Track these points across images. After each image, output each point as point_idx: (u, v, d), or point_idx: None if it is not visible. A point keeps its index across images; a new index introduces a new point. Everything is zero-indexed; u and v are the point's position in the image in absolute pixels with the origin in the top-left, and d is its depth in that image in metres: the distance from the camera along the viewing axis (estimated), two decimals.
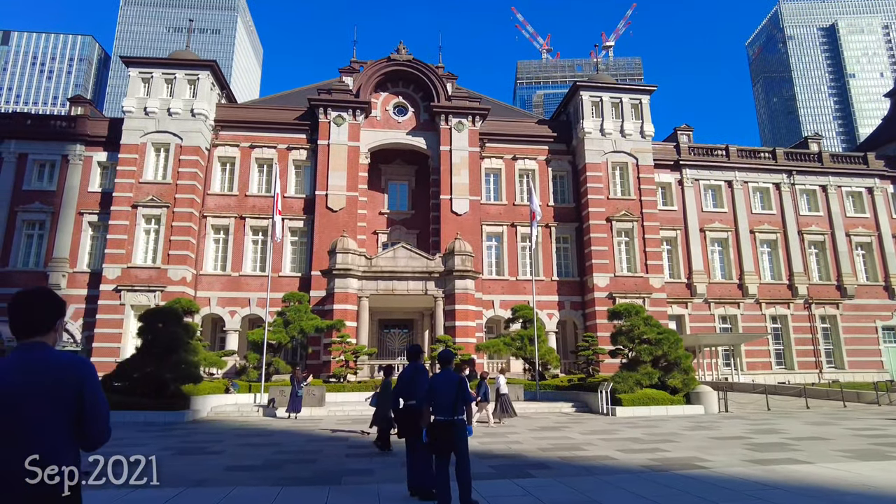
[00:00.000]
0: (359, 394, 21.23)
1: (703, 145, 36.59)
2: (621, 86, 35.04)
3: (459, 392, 5.68)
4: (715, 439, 11.36)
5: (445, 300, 26.03)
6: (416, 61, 32.69)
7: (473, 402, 14.97)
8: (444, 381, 5.82)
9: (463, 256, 25.93)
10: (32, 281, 28.50)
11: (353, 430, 13.63)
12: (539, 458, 9.26)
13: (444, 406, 5.68)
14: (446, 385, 5.75)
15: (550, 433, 12.79)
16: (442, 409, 5.69)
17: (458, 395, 5.66)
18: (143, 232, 28.48)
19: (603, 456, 9.36)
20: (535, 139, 33.98)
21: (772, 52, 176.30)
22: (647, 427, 13.73)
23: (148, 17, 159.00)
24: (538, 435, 12.37)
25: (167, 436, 12.37)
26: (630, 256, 31.97)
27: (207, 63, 31.15)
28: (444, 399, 5.69)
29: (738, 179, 35.83)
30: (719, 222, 35.05)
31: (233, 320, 28.99)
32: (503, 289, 31.49)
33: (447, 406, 5.65)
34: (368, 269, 25.79)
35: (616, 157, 32.95)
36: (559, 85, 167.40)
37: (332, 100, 31.37)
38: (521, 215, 32.50)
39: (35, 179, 30.04)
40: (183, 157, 29.29)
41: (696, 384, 18.63)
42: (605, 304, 30.37)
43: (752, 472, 7.72)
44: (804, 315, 34.37)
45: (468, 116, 32.17)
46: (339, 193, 30.30)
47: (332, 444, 11.27)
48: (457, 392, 5.67)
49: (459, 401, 5.67)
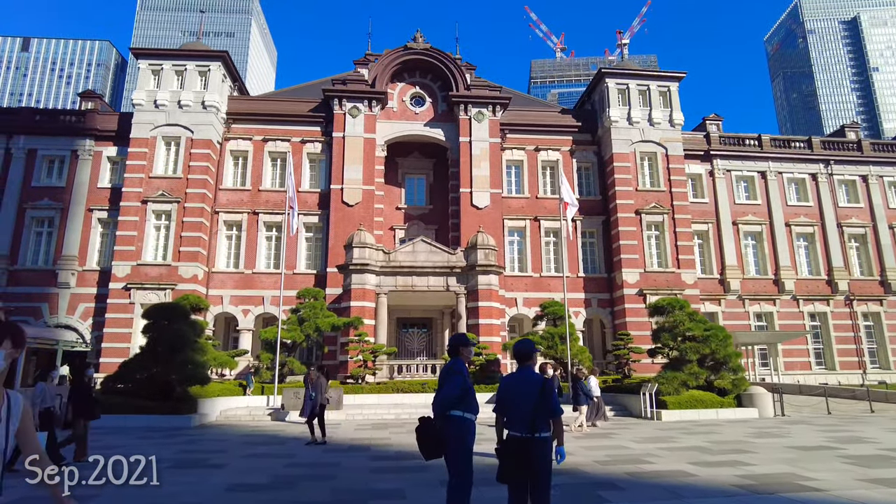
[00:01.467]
0: (378, 396, 19.94)
1: (735, 134, 34.80)
2: (649, 72, 33.40)
3: (542, 400, 4.22)
4: (797, 450, 9.83)
5: (468, 297, 24.63)
6: (434, 49, 31.39)
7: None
8: (520, 384, 4.39)
9: (486, 250, 24.52)
10: (42, 280, 27.72)
11: (376, 438, 12.31)
12: (602, 474, 7.83)
13: (519, 418, 4.24)
14: (523, 389, 4.33)
15: (600, 441, 11.37)
16: (517, 423, 4.26)
17: (539, 403, 4.22)
18: (154, 228, 27.47)
19: (677, 471, 7.90)
20: (559, 129, 32.47)
21: (791, 46, 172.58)
22: (705, 433, 12.23)
23: (164, 22, 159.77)
24: (587, 444, 10.94)
25: (168, 443, 11.11)
26: (661, 251, 30.33)
27: (218, 54, 30.12)
28: (519, 408, 4.26)
29: (772, 170, 33.99)
30: (753, 215, 33.24)
31: (246, 319, 27.87)
32: (526, 286, 30.02)
33: (524, 418, 4.21)
34: (387, 265, 24.49)
35: (644, 147, 31.33)
36: (574, 84, 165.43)
37: (348, 90, 30.18)
38: (544, 209, 31.02)
39: (44, 175, 29.21)
40: (194, 150, 28.26)
41: (747, 385, 17.03)
42: (634, 302, 28.85)
43: (887, 499, 6.20)
44: (845, 312, 32.44)
45: (488, 106, 30.77)
46: (355, 187, 29.07)
47: (353, 456, 9.90)
48: (538, 400, 4.22)
49: (542, 411, 4.23)
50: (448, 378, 4.85)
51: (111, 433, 12.82)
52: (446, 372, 4.97)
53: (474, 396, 4.89)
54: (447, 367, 5.05)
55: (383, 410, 17.66)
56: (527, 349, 4.65)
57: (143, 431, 13.15)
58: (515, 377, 4.54)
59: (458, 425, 4.70)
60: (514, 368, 4.76)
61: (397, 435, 12.65)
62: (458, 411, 4.74)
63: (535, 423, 4.17)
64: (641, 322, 28.22)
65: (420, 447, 4.75)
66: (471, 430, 4.78)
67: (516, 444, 4.20)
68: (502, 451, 4.27)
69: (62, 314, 27.29)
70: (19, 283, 27.65)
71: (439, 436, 4.64)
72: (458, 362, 5.01)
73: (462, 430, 4.70)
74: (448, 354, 5.31)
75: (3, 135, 29.29)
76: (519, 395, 4.31)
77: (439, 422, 4.73)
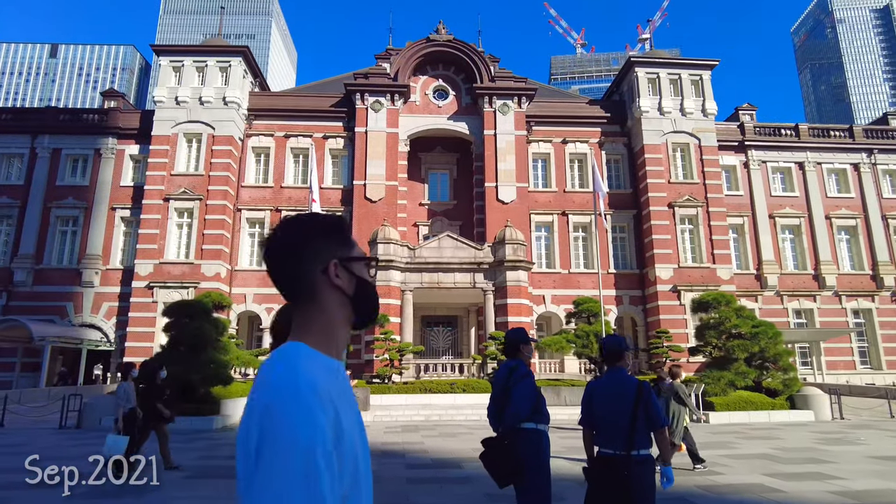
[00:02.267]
0: (405, 396, 19.23)
1: (770, 124, 33.34)
2: (680, 60, 32.11)
3: (639, 408, 3.43)
4: (882, 460, 8.80)
5: (496, 294, 23.80)
6: (457, 41, 30.60)
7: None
8: (611, 391, 3.61)
9: (514, 245, 23.66)
10: (67, 278, 27.65)
11: (408, 442, 11.58)
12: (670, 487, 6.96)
13: (612, 433, 3.46)
14: (615, 395, 3.56)
15: None
16: (609, 438, 3.48)
17: (637, 413, 3.42)
18: (176, 226, 27.18)
19: (755, 485, 7.00)
20: (587, 121, 31.43)
21: (819, 37, 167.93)
22: (764, 439, 11.25)
23: (186, 25, 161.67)
24: None
25: (189, 448, 10.50)
26: (695, 246, 29.13)
27: (239, 49, 29.74)
28: (612, 421, 3.48)
29: (811, 160, 32.48)
30: (790, 207, 31.79)
31: (269, 318, 27.41)
32: (554, 283, 29.08)
33: (618, 432, 3.42)
34: (412, 261, 23.78)
35: (676, 138, 30.14)
36: (595, 80, 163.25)
37: (370, 84, 29.55)
38: (572, 203, 30.03)
39: (68, 174, 29.15)
40: (215, 147, 27.91)
41: (800, 385, 15.91)
42: (668, 299, 27.75)
43: None
44: (892, 309, 30.84)
45: (513, 98, 29.88)
46: (378, 183, 28.44)
47: (387, 463, 9.13)
48: (633, 409, 3.43)
49: (641, 423, 3.42)
50: (516, 384, 3.98)
51: None
52: (508, 376, 4.10)
53: (545, 403, 4.08)
54: (508, 369, 4.18)
55: (412, 412, 16.95)
56: (618, 346, 3.78)
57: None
58: (605, 382, 3.71)
59: (533, 440, 3.90)
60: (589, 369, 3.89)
61: (430, 439, 11.91)
62: (530, 423, 3.92)
63: (632, 438, 3.36)
64: (676, 320, 27.14)
65: (493, 474, 3.80)
66: (546, 444, 3.97)
67: (609, 465, 3.39)
68: (591, 472, 3.46)
69: (87, 313, 27.16)
70: (45, 282, 27.60)
71: (516, 456, 3.75)
72: (522, 365, 4.16)
73: (538, 446, 3.90)
74: (504, 353, 4.49)
75: (28, 134, 29.34)
76: (610, 404, 3.51)
77: (510, 437, 3.85)
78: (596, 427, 3.60)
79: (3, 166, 29.23)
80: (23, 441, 11.10)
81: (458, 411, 16.88)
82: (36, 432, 12.97)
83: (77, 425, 13.69)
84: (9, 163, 29.35)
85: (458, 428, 14.14)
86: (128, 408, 8.05)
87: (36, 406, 16.72)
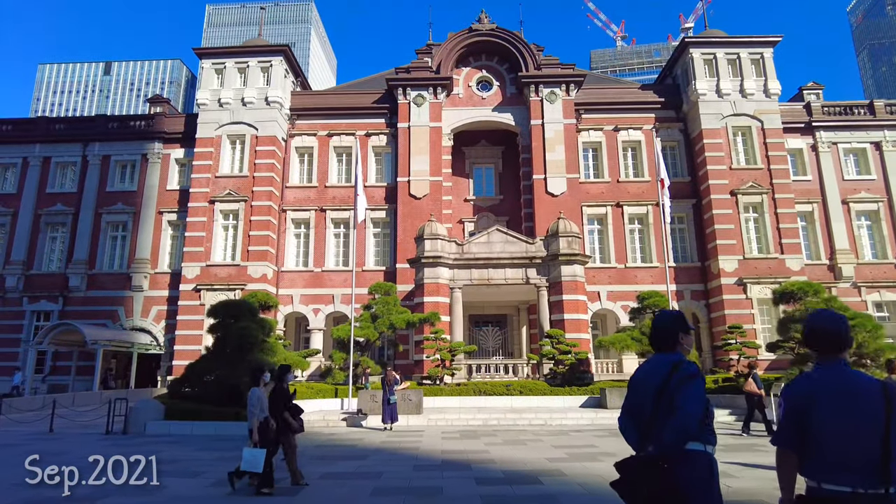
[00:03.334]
0: (459, 398, 18.26)
1: (841, 102, 30.85)
2: (738, 39, 30.01)
3: (893, 422, 2.30)
4: None
5: (550, 290, 22.55)
6: (500, 29, 29.52)
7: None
8: (843, 397, 2.42)
9: (569, 238, 22.37)
10: (117, 283, 27.97)
11: (471, 450, 10.58)
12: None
13: (848, 459, 2.34)
14: (847, 401, 2.40)
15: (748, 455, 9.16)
16: (844, 467, 2.35)
17: (889, 429, 2.29)
18: (222, 228, 27.06)
19: None
20: (639, 106, 29.78)
21: (879, 16, 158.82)
22: None
23: (229, 37, 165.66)
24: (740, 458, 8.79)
25: (233, 458, 9.71)
26: (760, 235, 27.14)
27: (280, 48, 29.50)
28: (847, 441, 2.34)
29: (889, 140, 29.87)
30: (866, 192, 29.29)
31: (316, 318, 26.97)
32: (610, 278, 27.58)
33: (859, 459, 2.33)
34: (460, 257, 22.82)
35: (737, 121, 28.19)
36: (637, 72, 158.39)
37: (412, 78, 28.80)
38: (627, 193, 28.47)
39: (117, 180, 29.53)
40: (259, 147, 27.69)
41: None
42: (733, 292, 25.91)
43: None
44: None
45: (561, 85, 28.57)
46: (422, 179, 27.63)
47: (452, 477, 8.10)
48: (885, 422, 2.30)
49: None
50: (680, 386, 2.75)
51: (175, 443, 11.78)
52: (669, 374, 2.82)
53: (713, 416, 2.95)
54: (670, 364, 2.86)
55: (468, 415, 15.96)
56: (836, 327, 2.59)
57: (207, 441, 12.00)
58: (826, 380, 2.52)
59: (703, 466, 2.74)
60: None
61: (495, 447, 10.87)
62: (697, 444, 2.75)
63: (886, 467, 2.24)
64: (743, 315, 25.28)
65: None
66: (716, 471, 2.83)
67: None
68: None
69: (137, 317, 27.36)
70: (97, 286, 27.99)
71: (680, 487, 2.61)
72: (688, 362, 2.91)
73: (710, 476, 2.75)
74: (654, 345, 3.06)
75: (80, 143, 29.86)
76: (844, 415, 2.38)
77: (669, 461, 2.66)
78: (814, 448, 2.42)
79: (58, 175, 29.85)
80: (60, 450, 10.56)
81: (518, 415, 15.78)
82: (83, 438, 12.60)
83: (123, 431, 13.29)
84: (62, 172, 29.96)
85: (523, 434, 13.06)
86: (262, 417, 7.19)
87: (87, 409, 16.55)
